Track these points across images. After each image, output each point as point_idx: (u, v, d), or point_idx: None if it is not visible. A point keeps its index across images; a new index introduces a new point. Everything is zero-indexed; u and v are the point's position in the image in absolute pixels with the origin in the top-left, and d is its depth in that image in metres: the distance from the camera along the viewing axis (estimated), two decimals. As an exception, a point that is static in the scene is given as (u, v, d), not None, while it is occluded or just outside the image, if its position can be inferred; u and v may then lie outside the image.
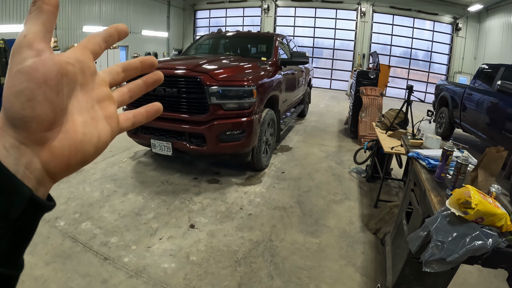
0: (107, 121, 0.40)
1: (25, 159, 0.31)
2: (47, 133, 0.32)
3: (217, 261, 2.73)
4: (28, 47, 0.31)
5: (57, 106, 0.33)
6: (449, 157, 2.00)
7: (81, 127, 0.36)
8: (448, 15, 14.74)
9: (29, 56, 0.31)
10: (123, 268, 2.60)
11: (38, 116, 0.31)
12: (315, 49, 17.11)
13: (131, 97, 0.46)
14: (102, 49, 0.41)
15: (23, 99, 0.30)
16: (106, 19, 13.15)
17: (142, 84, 0.47)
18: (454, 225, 1.49)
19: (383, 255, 2.78)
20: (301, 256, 2.85)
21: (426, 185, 1.97)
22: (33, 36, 0.32)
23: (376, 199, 3.79)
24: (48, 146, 0.33)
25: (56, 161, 0.34)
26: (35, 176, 0.32)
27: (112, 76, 0.44)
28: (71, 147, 0.35)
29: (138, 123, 0.46)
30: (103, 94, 0.41)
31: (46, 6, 0.33)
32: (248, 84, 3.88)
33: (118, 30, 0.42)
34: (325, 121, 8.65)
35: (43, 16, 0.32)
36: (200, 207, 3.62)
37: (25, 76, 0.30)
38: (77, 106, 0.36)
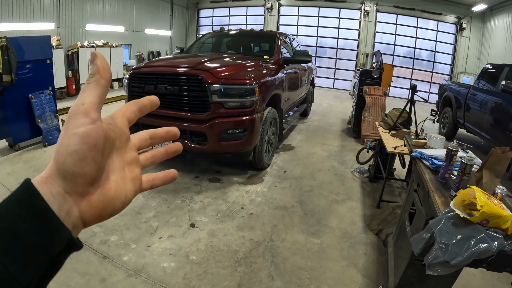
0: (133, 182, 0.45)
1: (67, 205, 0.36)
2: (89, 188, 0.38)
3: (217, 261, 2.71)
4: (84, 114, 0.36)
5: (101, 166, 0.38)
6: (454, 157, 1.96)
7: (114, 185, 0.41)
8: (452, 15, 14.63)
9: (85, 123, 0.36)
10: (122, 267, 2.59)
11: (85, 173, 0.36)
12: (318, 48, 17.03)
13: (153, 162, 0.52)
14: (136, 118, 0.47)
15: (76, 158, 0.35)
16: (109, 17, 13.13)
17: (164, 153, 0.53)
18: (458, 227, 1.45)
19: (385, 256, 2.75)
20: (302, 256, 2.82)
21: (430, 186, 1.94)
22: (90, 106, 0.37)
23: (379, 200, 3.75)
24: (88, 198, 0.38)
25: (91, 212, 0.39)
26: (72, 221, 0.37)
27: (141, 143, 0.49)
28: (105, 202, 0.40)
29: (155, 186, 0.51)
30: (132, 158, 0.46)
31: (103, 81, 0.39)
32: (250, 82, 3.85)
33: (151, 102, 0.49)
34: (328, 120, 8.61)
35: (100, 89, 0.39)
36: (201, 206, 3.60)
37: (80, 139, 0.35)
38: (112, 167, 0.42)
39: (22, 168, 4.50)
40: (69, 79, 10.78)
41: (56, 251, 0.34)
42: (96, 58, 0.40)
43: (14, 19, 9.25)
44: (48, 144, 5.44)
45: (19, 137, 5.23)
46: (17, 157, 4.90)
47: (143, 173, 0.48)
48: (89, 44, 11.67)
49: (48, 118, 5.45)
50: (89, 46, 11.56)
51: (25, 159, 4.85)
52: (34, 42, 5.42)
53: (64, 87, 10.55)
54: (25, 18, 9.57)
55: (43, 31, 9.80)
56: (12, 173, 4.33)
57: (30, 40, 5.49)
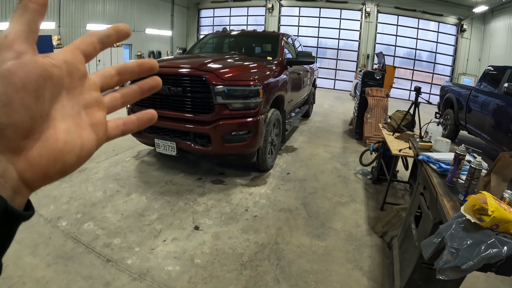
0: (93, 129, 0.38)
1: (0, 167, 0.30)
2: (24, 141, 0.31)
3: (222, 264, 2.69)
4: (8, 48, 0.29)
5: (36, 113, 0.31)
6: (462, 162, 1.96)
7: (63, 135, 0.34)
8: (453, 16, 14.67)
9: (8, 58, 0.29)
10: (126, 271, 2.55)
11: (14, 123, 0.29)
12: (319, 49, 17.06)
13: (124, 103, 0.43)
14: (96, 51, 0.38)
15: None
16: (110, 17, 13.15)
17: (137, 90, 0.44)
18: (469, 232, 1.45)
19: (390, 259, 2.74)
20: (308, 259, 2.81)
21: (438, 190, 1.93)
22: (14, 36, 0.30)
23: (383, 202, 3.74)
24: (25, 155, 0.31)
25: (33, 171, 0.32)
26: (11, 185, 0.30)
27: (105, 80, 0.41)
28: (49, 156, 0.33)
29: (128, 131, 0.43)
30: (91, 99, 0.38)
31: (32, 4, 0.31)
32: (254, 83, 3.84)
33: (117, 30, 0.39)
34: (329, 121, 8.61)
35: (28, 14, 0.31)
36: (205, 208, 3.58)
37: (2, 80, 0.28)
38: (61, 112, 0.34)
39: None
40: (69, 79, 10.74)
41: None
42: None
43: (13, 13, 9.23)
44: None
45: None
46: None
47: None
48: (90, 44, 11.65)
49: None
50: (90, 46, 11.54)
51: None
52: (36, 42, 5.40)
53: (64, 87, 10.51)
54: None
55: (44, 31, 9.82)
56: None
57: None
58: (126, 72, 0.42)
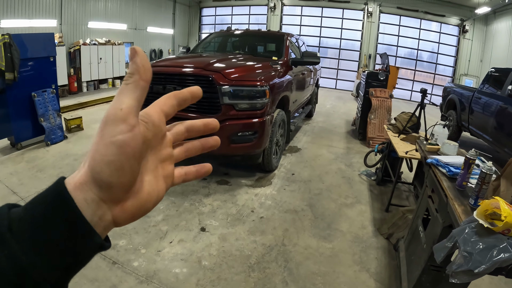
0: (165, 180, 0.43)
1: (100, 212, 0.35)
2: (125, 195, 0.36)
3: (230, 266, 2.68)
4: (122, 121, 0.34)
5: (137, 173, 0.37)
6: (471, 166, 1.97)
7: (147, 186, 0.39)
8: (455, 17, 14.62)
9: (123, 131, 0.34)
10: (133, 273, 2.54)
11: (123, 183, 0.35)
12: (320, 48, 17.00)
13: (187, 156, 0.48)
14: (175, 112, 0.43)
15: (113, 168, 0.33)
16: (112, 15, 13.09)
17: (199, 147, 0.49)
18: (481, 236, 1.47)
19: (397, 261, 2.75)
20: (315, 261, 2.81)
21: (449, 194, 1.93)
22: (128, 111, 0.34)
23: (388, 203, 3.74)
24: (122, 204, 0.37)
25: (124, 216, 0.37)
26: (104, 225, 0.36)
27: (177, 137, 0.46)
28: (138, 205, 0.38)
29: (187, 180, 0.48)
30: (166, 155, 0.43)
31: (143, 82, 0.36)
32: (261, 84, 3.83)
33: (192, 94, 0.45)
34: (332, 121, 8.60)
35: (139, 91, 0.35)
36: (210, 209, 3.58)
37: (118, 149, 0.33)
38: (145, 167, 0.39)
39: (25, 168, 4.43)
40: (70, 77, 10.74)
41: (87, 255, 0.35)
42: (136, 55, 0.36)
43: (16, 15, 9.20)
44: (51, 143, 5.36)
45: (21, 136, 5.15)
46: (19, 157, 4.82)
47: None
48: (91, 41, 11.63)
49: (51, 116, 5.37)
50: (91, 43, 11.52)
51: (28, 158, 4.77)
52: (38, 40, 5.34)
53: (65, 85, 10.49)
54: (27, 15, 9.51)
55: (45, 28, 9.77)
56: (15, 173, 4.25)
57: (33, 37, 5.42)
58: (194, 130, 0.48)
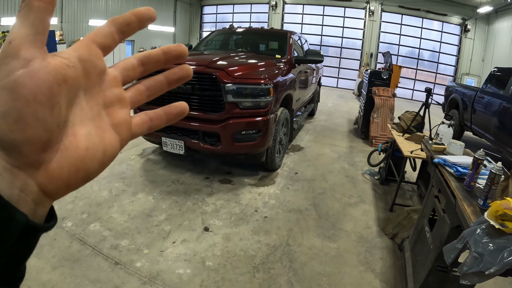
0: (116, 130, 0.34)
1: (19, 182, 0.27)
2: (42, 154, 0.28)
3: (234, 267, 2.65)
4: (13, 56, 0.26)
5: (53, 123, 0.27)
6: (480, 166, 1.95)
7: (84, 141, 0.31)
8: (457, 16, 14.61)
9: (14, 68, 0.26)
10: (136, 274, 2.48)
11: (30, 138, 0.26)
12: (322, 47, 16.98)
13: (149, 96, 0.39)
14: (116, 42, 0.34)
15: (10, 121, 0.25)
16: (113, 13, 13.08)
17: (163, 81, 0.39)
18: (492, 237, 1.45)
19: (402, 261, 2.72)
20: (320, 261, 2.79)
21: (458, 194, 1.91)
22: (19, 41, 0.26)
23: (392, 203, 3.72)
24: (44, 168, 0.28)
25: (54, 183, 0.29)
26: (32, 198, 0.28)
27: (127, 72, 0.36)
28: (71, 166, 0.30)
29: (155, 127, 0.39)
30: (112, 97, 0.34)
31: (37, 2, 0.27)
32: (265, 82, 3.80)
33: (138, 15, 0.34)
34: (334, 120, 8.57)
35: (33, 14, 0.27)
36: (214, 208, 3.54)
37: (10, 93, 0.25)
38: (80, 116, 0.31)
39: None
40: (72, 74, 10.72)
41: (12, 238, 0.26)
42: None
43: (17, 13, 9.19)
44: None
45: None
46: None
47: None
48: (93, 39, 11.60)
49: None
50: (93, 41, 11.49)
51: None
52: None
53: (67, 83, 10.49)
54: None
55: (47, 26, 9.74)
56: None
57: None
58: (151, 61, 0.37)
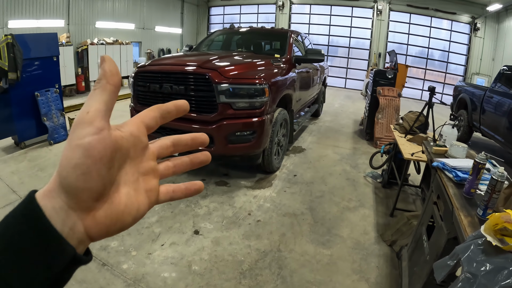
0: (147, 194, 0.41)
1: (70, 221, 0.33)
2: (94, 203, 0.34)
3: (220, 272, 2.57)
4: (89, 124, 0.33)
5: (108, 180, 0.35)
6: (481, 171, 1.75)
7: (125, 199, 0.37)
8: (466, 15, 14.28)
9: (89, 134, 0.32)
10: (121, 276, 2.48)
11: (90, 188, 0.33)
12: (330, 47, 16.80)
13: (175, 172, 0.46)
14: (157, 125, 0.42)
15: (79, 172, 0.32)
16: (119, 15, 13.09)
17: (188, 163, 0.47)
18: (488, 255, 1.24)
19: (399, 270, 2.57)
20: (311, 269, 2.66)
21: (455, 203, 1.74)
22: (95, 114, 0.33)
23: (393, 208, 3.57)
24: (93, 214, 0.34)
25: (97, 228, 0.35)
26: (77, 236, 0.33)
27: (161, 151, 0.44)
28: (113, 217, 0.36)
29: (176, 198, 0.45)
30: (149, 168, 0.41)
31: (110, 86, 0.35)
32: (260, 82, 3.69)
33: (177, 107, 0.43)
34: (339, 121, 8.41)
35: (106, 95, 0.35)
36: (206, 211, 3.46)
37: (84, 152, 0.32)
38: (124, 178, 0.38)
39: (27, 167, 4.42)
40: (78, 76, 10.85)
41: (60, 267, 0.32)
42: (104, 62, 0.35)
43: (24, 16, 9.25)
44: (54, 142, 5.36)
45: (25, 135, 5.19)
46: (22, 156, 4.83)
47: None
48: (99, 41, 11.63)
49: (54, 116, 5.38)
50: (99, 43, 11.53)
51: (30, 157, 4.77)
52: (41, 40, 5.36)
53: (73, 84, 10.64)
54: (35, 15, 9.55)
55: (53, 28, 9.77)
56: (16, 172, 4.25)
57: (36, 37, 5.43)
58: (181, 144, 0.45)
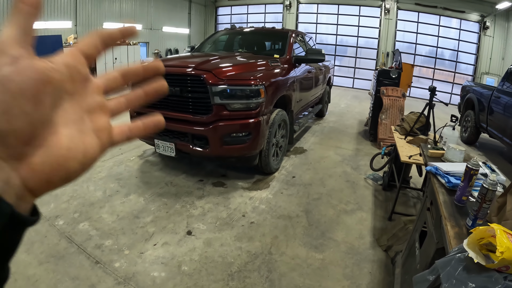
0: (97, 134, 0.36)
1: (3, 174, 0.28)
2: (26, 148, 0.30)
3: (209, 273, 2.55)
4: (2, 53, 0.28)
5: (37, 119, 0.30)
6: (473, 177, 1.64)
7: (66, 141, 0.33)
8: (476, 13, 14.04)
9: (3, 64, 0.28)
10: (113, 274, 2.50)
11: (15, 130, 0.28)
12: (338, 47, 16.69)
13: (128, 106, 0.42)
14: (99, 51, 0.37)
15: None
16: (127, 16, 13.19)
17: (141, 94, 0.42)
18: (470, 273, 1.13)
19: (392, 277, 2.51)
20: (301, 273, 2.61)
21: (443, 211, 1.63)
22: (8, 40, 0.29)
23: (391, 211, 3.49)
24: (28, 162, 0.30)
25: (36, 178, 0.31)
26: (15, 191, 0.29)
27: (109, 83, 0.39)
28: (53, 163, 0.31)
29: (134, 137, 0.41)
30: (95, 104, 0.37)
31: (23, 5, 0.29)
32: (255, 83, 3.65)
33: (123, 31, 0.38)
34: (344, 121, 8.32)
35: (21, 17, 0.29)
36: (201, 212, 3.44)
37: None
38: (63, 117, 0.33)
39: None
40: (85, 76, 10.88)
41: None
42: None
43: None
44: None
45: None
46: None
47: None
48: (106, 41, 11.72)
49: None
50: (106, 43, 11.61)
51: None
52: (45, 42, 5.43)
53: (80, 85, 10.66)
54: (43, 17, 9.63)
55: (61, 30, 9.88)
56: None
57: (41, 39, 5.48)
58: (131, 74, 0.41)
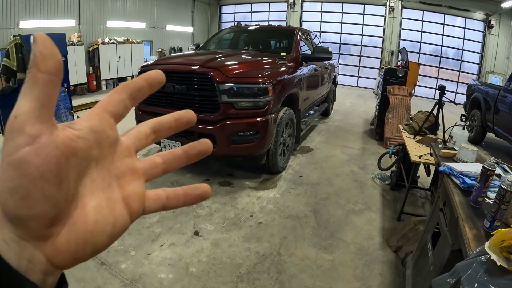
0: (126, 202, 0.32)
1: (27, 253, 0.26)
2: (49, 229, 0.26)
3: (217, 275, 2.51)
4: (19, 132, 0.24)
5: (60, 199, 0.26)
6: (490, 178, 1.60)
7: (93, 214, 0.29)
8: (480, 12, 13.92)
9: (21, 145, 0.24)
10: (119, 275, 2.47)
11: (36, 215, 0.25)
12: (342, 45, 16.62)
13: (165, 170, 0.36)
14: (128, 109, 0.32)
15: (17, 198, 0.24)
16: (130, 14, 13.14)
17: (182, 155, 0.37)
18: (492, 276, 1.10)
19: (403, 278, 2.47)
20: (311, 274, 2.57)
21: (460, 212, 1.60)
22: (24, 117, 0.24)
23: (400, 211, 3.45)
24: (52, 241, 0.27)
25: (61, 256, 0.27)
26: (40, 268, 0.26)
27: (139, 142, 0.35)
28: (79, 240, 0.28)
29: (170, 207, 0.35)
30: (125, 168, 0.33)
31: (42, 75, 0.24)
32: (263, 81, 3.61)
33: (149, 80, 0.33)
34: (350, 120, 8.27)
35: (38, 88, 0.24)
36: (208, 212, 3.41)
37: (16, 171, 0.24)
38: (90, 187, 0.29)
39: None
40: (90, 75, 11.02)
41: None
42: (35, 43, 0.25)
43: (35, 16, 9.35)
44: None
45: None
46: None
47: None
48: (110, 40, 11.72)
49: (63, 115, 5.42)
50: (110, 42, 11.63)
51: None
52: (49, 40, 5.39)
53: (85, 83, 10.87)
54: (46, 15, 9.65)
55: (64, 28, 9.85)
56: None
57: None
58: (163, 129, 0.36)
